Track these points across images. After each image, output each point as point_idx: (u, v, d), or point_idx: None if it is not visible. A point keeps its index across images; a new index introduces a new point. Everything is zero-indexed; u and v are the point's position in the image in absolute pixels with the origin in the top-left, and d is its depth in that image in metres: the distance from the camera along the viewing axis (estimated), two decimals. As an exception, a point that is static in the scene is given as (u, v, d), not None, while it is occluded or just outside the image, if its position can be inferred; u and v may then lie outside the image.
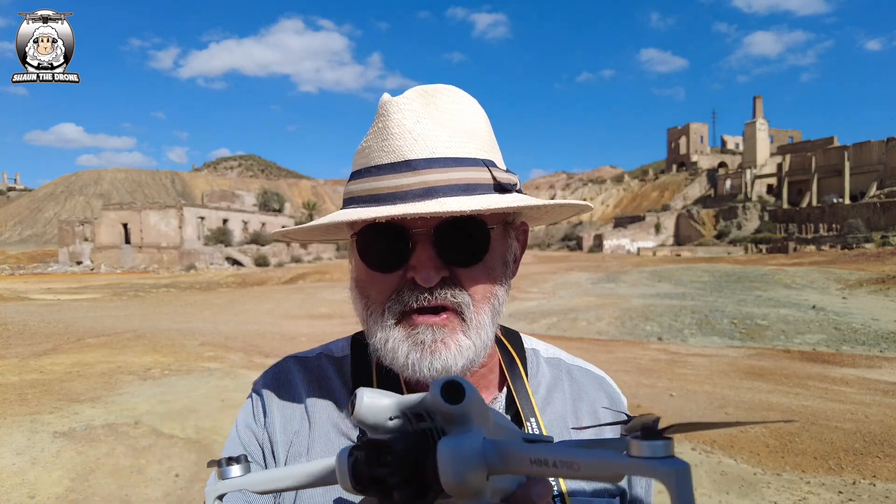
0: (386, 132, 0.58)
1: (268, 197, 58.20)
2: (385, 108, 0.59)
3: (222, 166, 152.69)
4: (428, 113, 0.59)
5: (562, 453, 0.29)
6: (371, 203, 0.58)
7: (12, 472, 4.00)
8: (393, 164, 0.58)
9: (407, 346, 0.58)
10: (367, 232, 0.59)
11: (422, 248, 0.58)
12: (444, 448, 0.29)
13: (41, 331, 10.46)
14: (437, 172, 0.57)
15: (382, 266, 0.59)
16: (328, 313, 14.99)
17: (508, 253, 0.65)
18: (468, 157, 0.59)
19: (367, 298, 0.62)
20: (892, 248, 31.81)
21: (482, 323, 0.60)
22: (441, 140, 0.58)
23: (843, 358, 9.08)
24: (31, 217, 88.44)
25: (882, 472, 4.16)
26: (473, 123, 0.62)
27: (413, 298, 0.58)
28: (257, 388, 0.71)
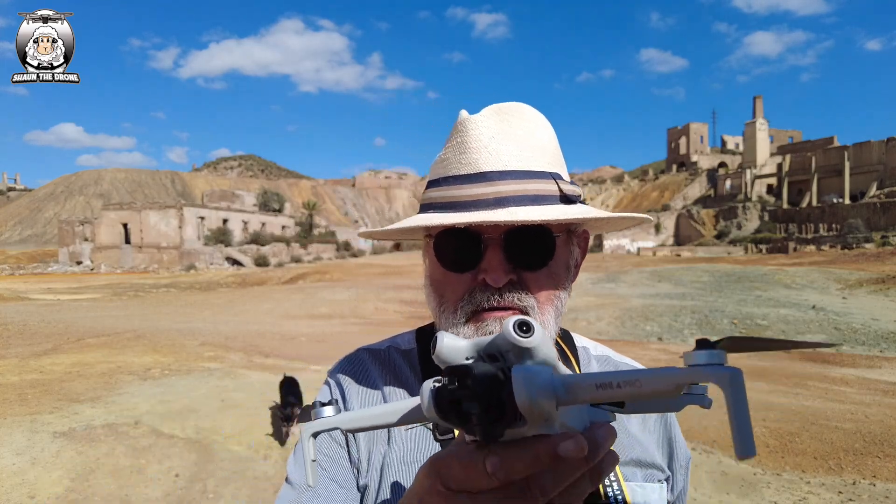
0: (464, 146, 0.64)
1: (268, 197, 58.20)
2: (463, 125, 0.65)
3: (222, 166, 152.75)
4: (501, 130, 0.65)
5: (624, 374, 0.31)
6: (448, 209, 0.64)
7: (12, 471, 4.00)
8: (469, 176, 0.63)
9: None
10: (444, 235, 0.64)
11: (492, 252, 0.63)
12: (518, 372, 0.32)
13: (41, 331, 10.46)
14: (508, 184, 0.62)
15: (456, 267, 0.65)
16: (328, 313, 14.99)
17: (571, 259, 0.70)
18: (537, 170, 0.64)
19: (441, 296, 0.67)
20: (892, 248, 31.81)
21: (546, 323, 0.65)
22: (513, 154, 0.64)
23: (843, 358, 9.08)
24: (31, 217, 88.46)
25: (882, 472, 4.16)
26: (542, 139, 0.67)
27: (484, 299, 0.63)
28: (334, 374, 0.77)
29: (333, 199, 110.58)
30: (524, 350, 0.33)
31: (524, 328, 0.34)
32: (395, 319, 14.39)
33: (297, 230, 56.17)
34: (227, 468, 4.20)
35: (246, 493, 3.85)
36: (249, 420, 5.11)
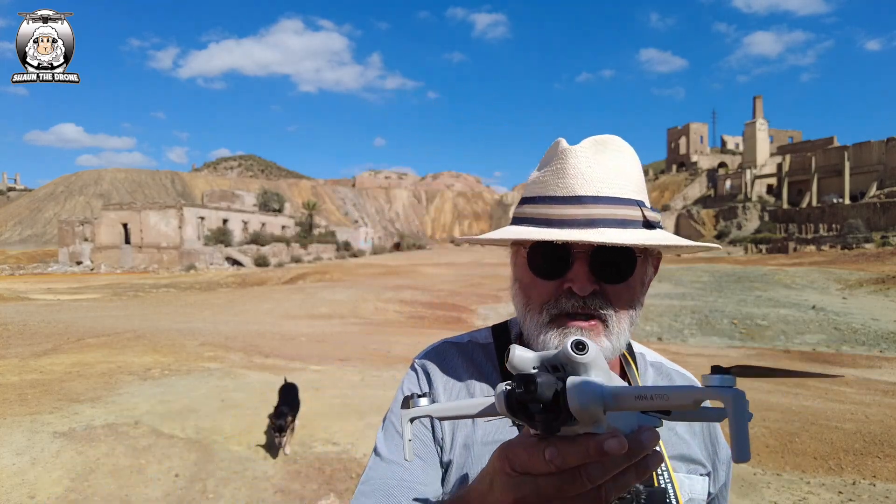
0: (563, 172, 0.73)
1: (268, 197, 58.17)
2: (564, 154, 0.73)
3: (222, 166, 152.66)
4: (597, 160, 0.73)
5: (658, 389, 0.40)
6: (543, 225, 0.73)
7: (12, 472, 4.00)
8: (566, 198, 0.72)
9: (558, 341, 0.72)
10: (538, 246, 0.73)
11: (580, 265, 0.71)
12: (571, 382, 0.41)
13: (41, 331, 10.46)
14: (599, 208, 0.71)
15: (546, 275, 0.74)
16: (328, 313, 14.99)
17: (646, 277, 0.79)
18: (625, 197, 0.72)
19: (528, 298, 0.76)
20: (892, 249, 31.80)
21: (622, 331, 0.74)
22: (605, 182, 0.72)
23: (843, 358, 9.08)
24: (31, 217, 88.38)
25: (882, 473, 4.16)
26: (630, 170, 0.75)
27: (569, 305, 0.72)
28: (420, 361, 0.86)
29: (333, 199, 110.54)
30: (579, 364, 0.42)
31: (580, 347, 0.42)
32: (395, 319, 14.39)
33: (297, 230, 56.16)
34: (227, 468, 4.20)
35: (246, 494, 3.85)
36: (249, 420, 5.11)
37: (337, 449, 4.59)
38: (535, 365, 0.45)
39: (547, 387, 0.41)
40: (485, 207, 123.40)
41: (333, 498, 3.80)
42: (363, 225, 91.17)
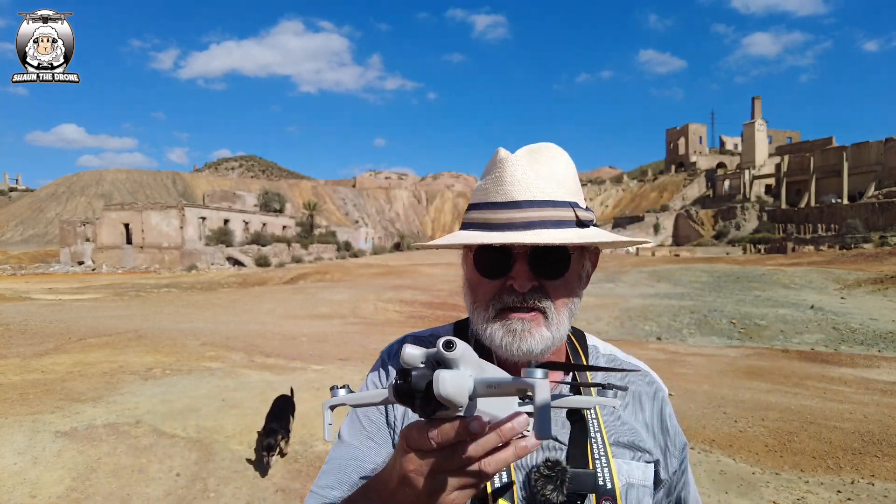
0: (501, 180, 0.78)
1: (269, 197, 58.17)
2: (502, 163, 0.78)
3: (223, 167, 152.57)
4: (531, 167, 0.79)
5: (499, 379, 0.49)
6: (486, 229, 0.79)
7: (14, 471, 4.02)
8: (505, 203, 0.77)
9: (502, 332, 0.79)
10: (483, 249, 0.80)
11: (520, 264, 0.78)
12: (437, 374, 0.48)
13: (43, 331, 10.48)
14: (535, 211, 0.76)
15: (491, 274, 0.80)
16: (329, 313, 15.01)
17: (583, 271, 0.86)
18: (558, 199, 0.78)
19: (475, 296, 0.83)
20: (891, 249, 31.81)
21: (561, 322, 0.80)
22: (540, 187, 0.77)
23: (842, 358, 9.10)
24: (33, 217, 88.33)
25: (880, 472, 4.18)
26: (564, 175, 0.81)
27: (510, 300, 0.79)
28: (384, 356, 0.93)
29: (334, 200, 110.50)
30: (450, 360, 0.49)
31: (449, 345, 0.49)
32: (395, 319, 14.41)
33: (298, 230, 56.15)
34: (227, 468, 4.22)
35: (247, 493, 3.87)
36: (250, 419, 5.12)
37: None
38: (422, 360, 0.51)
39: (420, 378, 0.49)
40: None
41: (334, 497, 3.81)
42: (363, 225, 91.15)
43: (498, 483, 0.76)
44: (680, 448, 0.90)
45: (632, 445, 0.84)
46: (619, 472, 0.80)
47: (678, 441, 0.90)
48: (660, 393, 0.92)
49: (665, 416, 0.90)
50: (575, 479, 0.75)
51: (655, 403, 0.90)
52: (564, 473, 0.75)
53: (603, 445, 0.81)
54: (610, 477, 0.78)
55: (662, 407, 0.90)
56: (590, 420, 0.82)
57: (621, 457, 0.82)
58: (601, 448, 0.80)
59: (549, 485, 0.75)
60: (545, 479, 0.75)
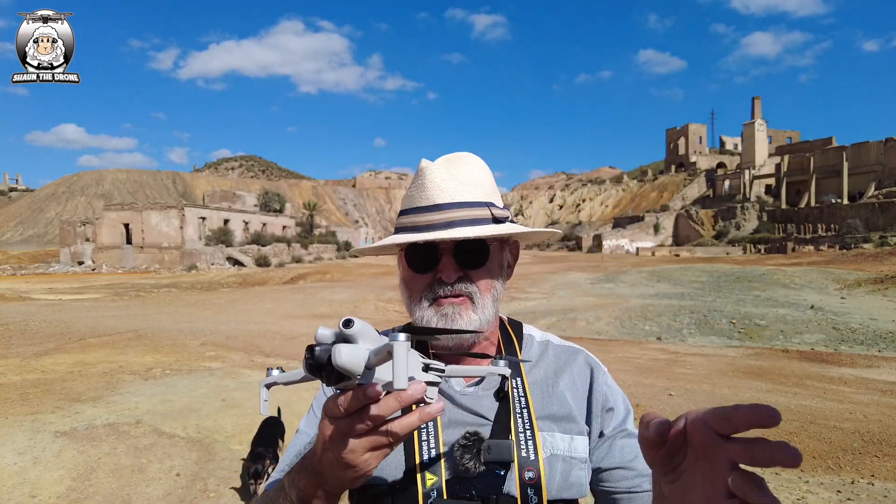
0: (424, 186, 0.89)
1: (269, 197, 58.16)
2: (423, 171, 0.89)
3: (223, 167, 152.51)
4: (450, 173, 0.90)
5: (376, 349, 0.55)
6: (414, 231, 0.89)
7: (14, 471, 4.02)
8: (427, 206, 0.88)
9: (436, 318, 0.88)
10: (412, 248, 0.90)
11: (446, 258, 0.88)
12: (336, 346, 0.54)
13: (43, 331, 10.48)
14: (454, 211, 0.87)
15: (421, 269, 0.90)
16: (328, 313, 15.01)
17: (503, 261, 0.96)
18: (475, 200, 0.89)
19: (410, 291, 0.92)
20: (891, 249, 31.80)
21: (485, 305, 0.90)
22: (457, 190, 0.88)
23: (842, 358, 9.09)
24: (33, 217, 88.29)
25: (880, 472, 4.18)
26: (479, 178, 0.93)
27: (440, 290, 0.89)
28: None
29: (334, 200, 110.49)
30: (349, 335, 0.55)
31: (348, 323, 0.55)
32: (395, 319, 14.41)
33: (298, 230, 56.14)
34: (227, 467, 4.22)
35: (246, 493, 3.86)
36: (250, 419, 5.13)
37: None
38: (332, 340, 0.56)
39: (323, 352, 0.55)
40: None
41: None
42: (363, 225, 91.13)
43: (427, 457, 0.83)
44: (601, 413, 0.92)
45: (559, 417, 0.90)
46: (544, 444, 0.86)
47: (599, 406, 0.93)
48: (591, 366, 0.98)
49: (593, 385, 0.95)
50: (493, 449, 0.81)
51: (586, 377, 0.96)
52: (480, 443, 0.82)
53: (529, 420, 0.87)
54: (534, 448, 0.85)
55: (592, 378, 0.96)
56: (517, 398, 0.89)
57: (548, 430, 0.88)
58: (527, 422, 0.87)
59: (467, 454, 0.81)
60: (463, 448, 0.82)
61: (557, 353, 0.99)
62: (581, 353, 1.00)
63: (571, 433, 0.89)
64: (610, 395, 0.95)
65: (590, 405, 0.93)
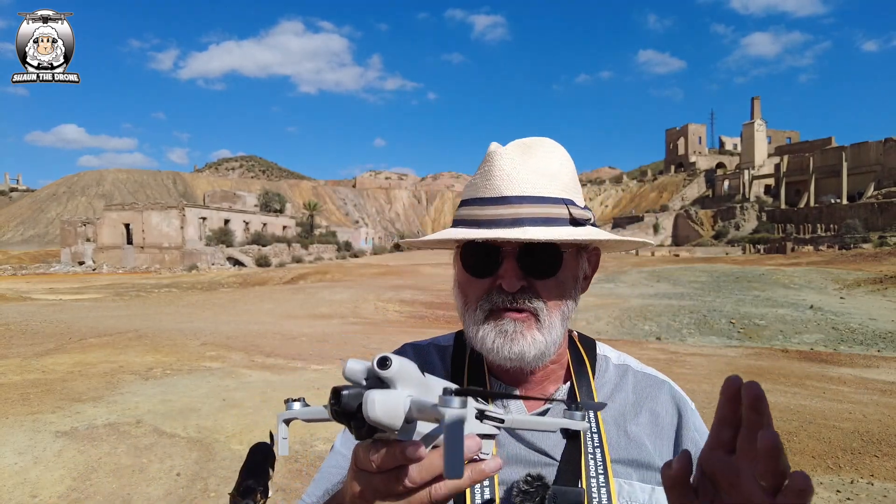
0: (490, 174, 0.75)
1: (269, 197, 58.23)
2: (491, 156, 0.76)
3: (224, 167, 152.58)
4: (523, 161, 0.76)
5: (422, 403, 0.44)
6: (474, 226, 0.75)
7: (14, 471, 4.02)
8: (493, 199, 0.74)
9: (494, 334, 0.75)
10: (470, 246, 0.76)
11: (508, 262, 0.74)
12: (367, 395, 0.43)
13: (43, 331, 10.49)
14: (524, 207, 0.73)
15: (479, 273, 0.77)
16: (328, 313, 15.02)
17: (579, 272, 0.81)
18: (550, 196, 0.74)
19: (465, 296, 0.79)
20: (890, 249, 31.83)
21: (553, 324, 0.76)
22: (530, 182, 0.74)
23: (841, 357, 9.10)
24: (34, 217, 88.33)
25: (880, 471, 4.18)
26: (558, 170, 0.78)
27: (500, 300, 0.75)
28: None
29: (334, 200, 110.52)
30: (386, 378, 0.44)
31: (384, 363, 0.45)
32: (395, 319, 14.41)
33: (298, 230, 56.18)
34: (228, 467, 4.22)
35: None
36: (250, 419, 5.13)
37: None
38: (365, 377, 0.47)
39: (351, 398, 0.45)
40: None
41: (334, 496, 3.82)
42: (364, 225, 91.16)
43: (479, 499, 0.72)
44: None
45: (638, 463, 0.76)
46: (619, 493, 0.74)
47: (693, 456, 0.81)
48: (680, 404, 0.84)
49: (681, 429, 0.81)
50: (560, 497, 0.71)
51: (672, 417, 0.82)
52: (545, 490, 0.71)
53: (602, 462, 0.74)
54: (608, 498, 0.72)
55: (680, 419, 0.82)
56: (588, 435, 0.75)
57: (625, 476, 0.75)
58: (600, 466, 0.74)
59: (528, 502, 0.70)
60: (524, 494, 0.71)
61: (638, 383, 0.85)
62: (666, 386, 0.86)
63: (652, 483, 0.76)
64: (700, 440, 0.79)
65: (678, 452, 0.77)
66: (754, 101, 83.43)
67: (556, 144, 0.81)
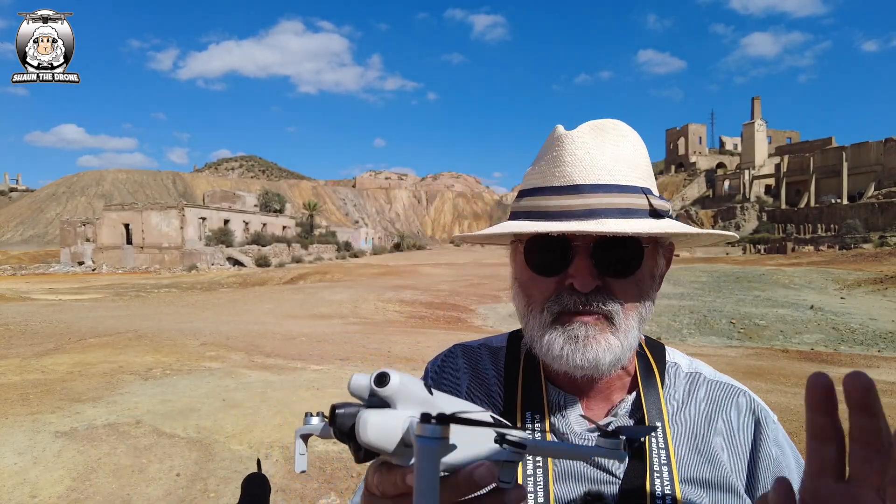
0: (559, 160, 0.67)
1: (269, 197, 58.25)
2: (560, 140, 0.68)
3: (223, 167, 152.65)
4: (596, 145, 0.68)
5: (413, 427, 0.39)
6: (540, 218, 0.67)
7: (14, 471, 4.02)
8: (563, 187, 0.66)
9: (563, 340, 0.67)
10: (535, 241, 0.68)
11: (580, 259, 0.66)
12: (362, 414, 0.39)
13: (43, 331, 10.49)
14: (600, 196, 0.65)
15: (546, 271, 0.68)
16: (328, 313, 15.01)
17: (656, 269, 0.73)
18: (628, 184, 0.67)
19: (528, 297, 0.71)
20: (890, 249, 31.83)
21: (629, 327, 0.68)
22: (606, 169, 0.66)
23: (842, 358, 9.10)
24: (33, 217, 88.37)
25: (879, 471, 4.18)
26: (635, 156, 0.70)
27: (570, 301, 0.67)
28: (430, 365, 0.87)
29: (334, 200, 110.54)
30: (384, 397, 0.40)
31: (382, 380, 0.40)
32: (395, 319, 14.41)
33: (298, 231, 56.20)
34: (228, 467, 4.22)
35: (247, 492, 3.87)
36: (250, 419, 5.13)
37: (338, 448, 4.60)
38: (368, 394, 0.42)
39: (347, 418, 0.41)
40: (484, 208, 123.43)
41: (334, 497, 3.82)
42: (363, 225, 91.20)
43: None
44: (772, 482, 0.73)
45: (709, 484, 0.68)
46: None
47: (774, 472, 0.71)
48: (757, 415, 0.75)
49: (759, 443, 0.72)
50: None
51: (749, 429, 0.73)
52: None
53: (671, 482, 0.67)
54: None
55: (758, 431, 0.73)
56: (655, 451, 0.68)
57: (695, 498, 0.67)
58: (667, 485, 0.66)
59: None
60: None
61: (711, 392, 0.77)
62: (743, 395, 0.77)
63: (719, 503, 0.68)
64: (782, 457, 0.72)
65: (754, 469, 0.71)
66: (754, 101, 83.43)
67: (630, 128, 0.73)
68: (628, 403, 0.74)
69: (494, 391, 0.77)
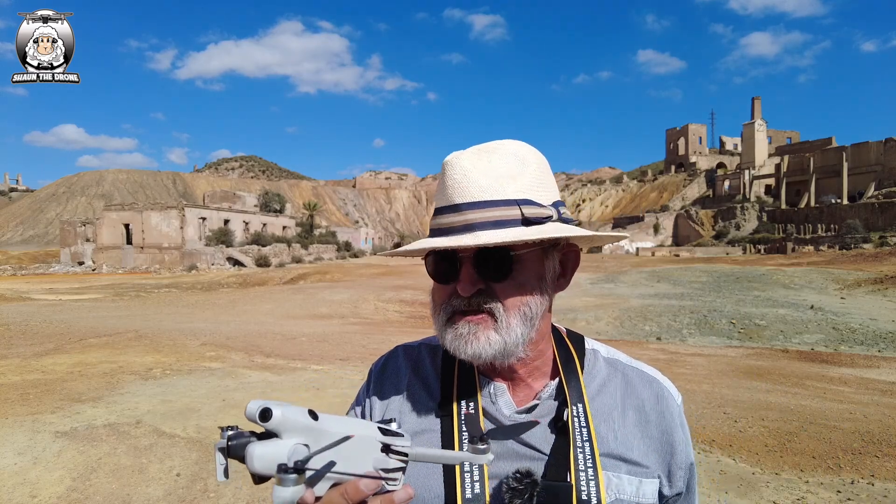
0: (444, 184, 0.78)
1: (269, 198, 58.20)
2: (445, 166, 0.78)
3: (223, 167, 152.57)
4: (473, 167, 0.76)
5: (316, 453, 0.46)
6: (437, 234, 0.78)
7: (14, 471, 4.02)
8: (448, 207, 0.76)
9: (452, 336, 0.77)
10: (433, 255, 0.79)
11: (465, 268, 0.76)
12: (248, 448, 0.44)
13: (43, 331, 10.48)
14: (475, 212, 0.74)
15: (442, 279, 0.79)
16: (328, 313, 15.01)
17: (545, 271, 0.80)
18: (501, 199, 0.75)
19: (433, 301, 0.82)
20: (890, 249, 31.82)
21: (511, 325, 0.76)
22: (481, 187, 0.75)
23: (842, 358, 9.10)
24: (33, 217, 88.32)
25: (880, 472, 4.18)
26: (513, 172, 0.78)
27: (458, 304, 0.77)
28: (373, 368, 0.95)
29: (334, 200, 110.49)
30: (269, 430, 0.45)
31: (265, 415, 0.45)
32: (395, 319, 14.41)
33: (298, 231, 56.16)
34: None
35: (247, 493, 3.87)
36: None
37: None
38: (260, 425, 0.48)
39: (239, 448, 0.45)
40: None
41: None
42: (363, 225, 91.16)
43: (469, 494, 0.73)
44: (686, 467, 0.82)
45: (625, 458, 0.78)
46: (608, 486, 0.75)
47: (685, 459, 0.82)
48: (668, 402, 0.84)
49: (672, 429, 0.82)
50: (549, 492, 0.71)
51: (661, 414, 0.82)
52: (534, 486, 0.71)
53: (591, 456, 0.75)
54: (596, 491, 0.73)
55: (670, 419, 0.82)
56: (577, 429, 0.76)
57: (613, 469, 0.77)
58: (589, 459, 0.75)
59: (517, 498, 0.70)
60: (513, 491, 0.70)
61: (627, 377, 0.86)
62: (656, 384, 0.86)
63: (640, 476, 0.78)
64: (688, 442, 0.83)
65: (664, 451, 0.81)
66: (754, 101, 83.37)
67: (520, 144, 0.81)
68: (552, 388, 0.83)
69: (433, 384, 0.86)
